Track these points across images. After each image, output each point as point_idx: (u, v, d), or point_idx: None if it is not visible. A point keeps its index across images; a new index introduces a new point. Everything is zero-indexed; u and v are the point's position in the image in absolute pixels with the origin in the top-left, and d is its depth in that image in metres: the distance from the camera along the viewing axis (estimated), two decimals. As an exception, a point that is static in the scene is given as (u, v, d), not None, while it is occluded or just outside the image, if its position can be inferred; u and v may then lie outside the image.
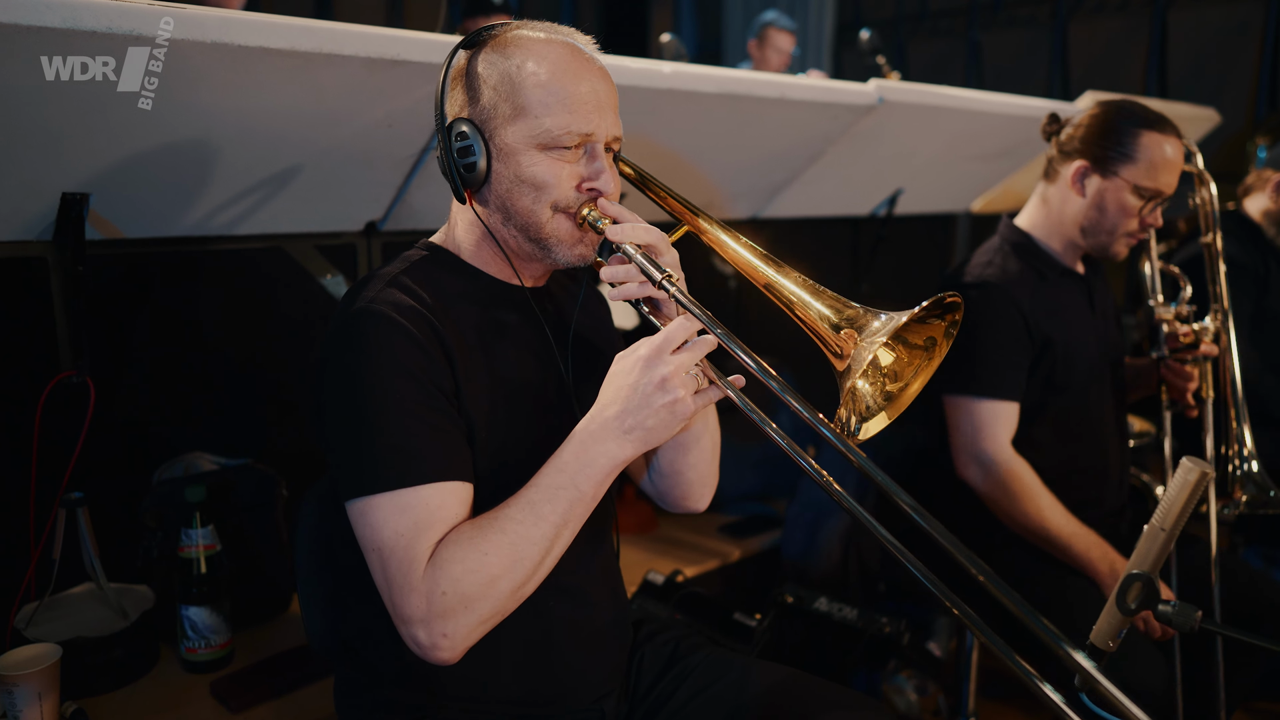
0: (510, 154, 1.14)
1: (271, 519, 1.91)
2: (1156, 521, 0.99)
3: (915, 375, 1.11)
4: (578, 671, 1.27)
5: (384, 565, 1.04)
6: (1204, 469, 0.95)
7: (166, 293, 2.01)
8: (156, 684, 1.69)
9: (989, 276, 1.92)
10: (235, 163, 1.66)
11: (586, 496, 1.07)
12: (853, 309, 1.06)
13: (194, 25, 1.31)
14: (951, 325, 1.09)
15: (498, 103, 1.14)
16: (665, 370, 1.03)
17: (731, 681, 1.31)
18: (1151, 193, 1.84)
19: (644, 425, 1.04)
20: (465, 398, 1.14)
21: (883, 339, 1.01)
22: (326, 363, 1.12)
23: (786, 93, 2.15)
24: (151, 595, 1.76)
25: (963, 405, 1.89)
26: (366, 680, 1.25)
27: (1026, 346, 1.90)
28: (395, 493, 1.04)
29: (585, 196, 1.16)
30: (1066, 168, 1.91)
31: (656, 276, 1.10)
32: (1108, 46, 5.43)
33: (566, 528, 1.07)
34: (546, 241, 1.18)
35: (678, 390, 1.03)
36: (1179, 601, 1.00)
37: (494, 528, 1.04)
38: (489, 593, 1.02)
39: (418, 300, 1.13)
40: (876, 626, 2.02)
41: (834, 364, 1.05)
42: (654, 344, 1.05)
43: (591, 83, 1.15)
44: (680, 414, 1.04)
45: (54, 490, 1.66)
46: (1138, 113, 1.85)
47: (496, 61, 1.15)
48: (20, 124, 1.37)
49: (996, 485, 1.85)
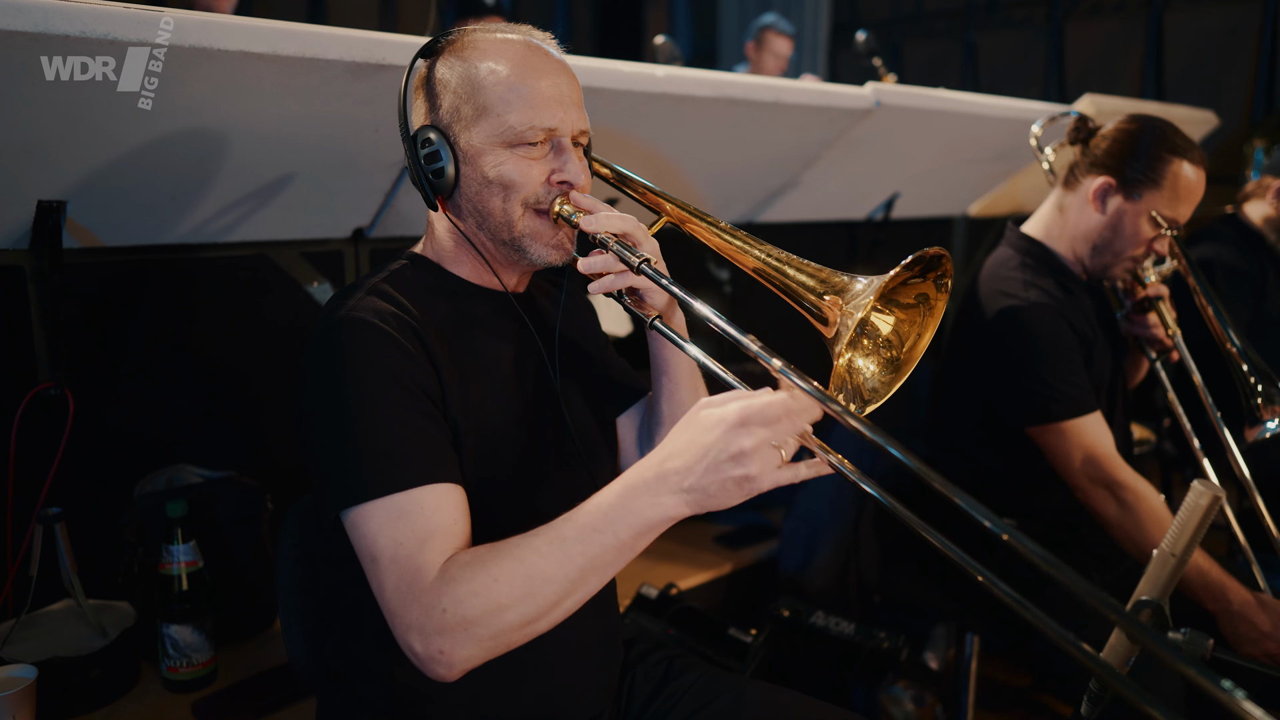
0: (477, 155, 1.13)
1: (256, 534, 1.87)
2: (1167, 546, 0.95)
3: (921, 330, 1.11)
4: (571, 692, 1.24)
5: (383, 574, 1.00)
6: (1215, 492, 0.92)
7: (148, 302, 1.97)
8: (137, 704, 1.65)
9: (1034, 297, 1.84)
10: (219, 171, 1.63)
11: (625, 546, 0.96)
12: (836, 277, 1.06)
13: (178, 30, 1.28)
14: (940, 277, 1.07)
15: (460, 105, 1.13)
16: (748, 443, 0.89)
17: (726, 704, 1.29)
18: (1169, 222, 1.81)
19: (705, 490, 0.92)
20: (451, 403, 1.12)
21: (869, 300, 1.01)
22: (308, 371, 1.10)
23: (782, 96, 2.12)
24: (132, 612, 1.72)
25: (1055, 432, 1.79)
26: (350, 705, 1.22)
27: (1083, 360, 1.85)
28: (387, 498, 1.01)
29: (556, 191, 1.15)
30: (1090, 181, 1.85)
31: (634, 261, 1.09)
32: (1104, 48, 5.42)
33: (596, 574, 0.97)
34: (520, 241, 1.16)
35: (753, 468, 0.90)
36: (1190, 629, 0.97)
37: (512, 555, 0.97)
38: (492, 620, 0.96)
39: (399, 307, 1.12)
40: (875, 641, 1.99)
41: (822, 331, 1.05)
42: (743, 411, 0.91)
43: (553, 77, 1.14)
44: (749, 491, 0.92)
45: (31, 505, 1.63)
46: (1171, 138, 1.80)
47: (455, 65, 1.15)
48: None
49: (1140, 514, 1.73)
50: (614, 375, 1.40)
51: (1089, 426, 1.79)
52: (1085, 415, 1.79)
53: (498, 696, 1.18)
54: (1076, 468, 1.79)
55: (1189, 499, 0.93)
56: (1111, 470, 1.76)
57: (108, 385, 1.92)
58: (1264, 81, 4.73)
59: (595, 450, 1.32)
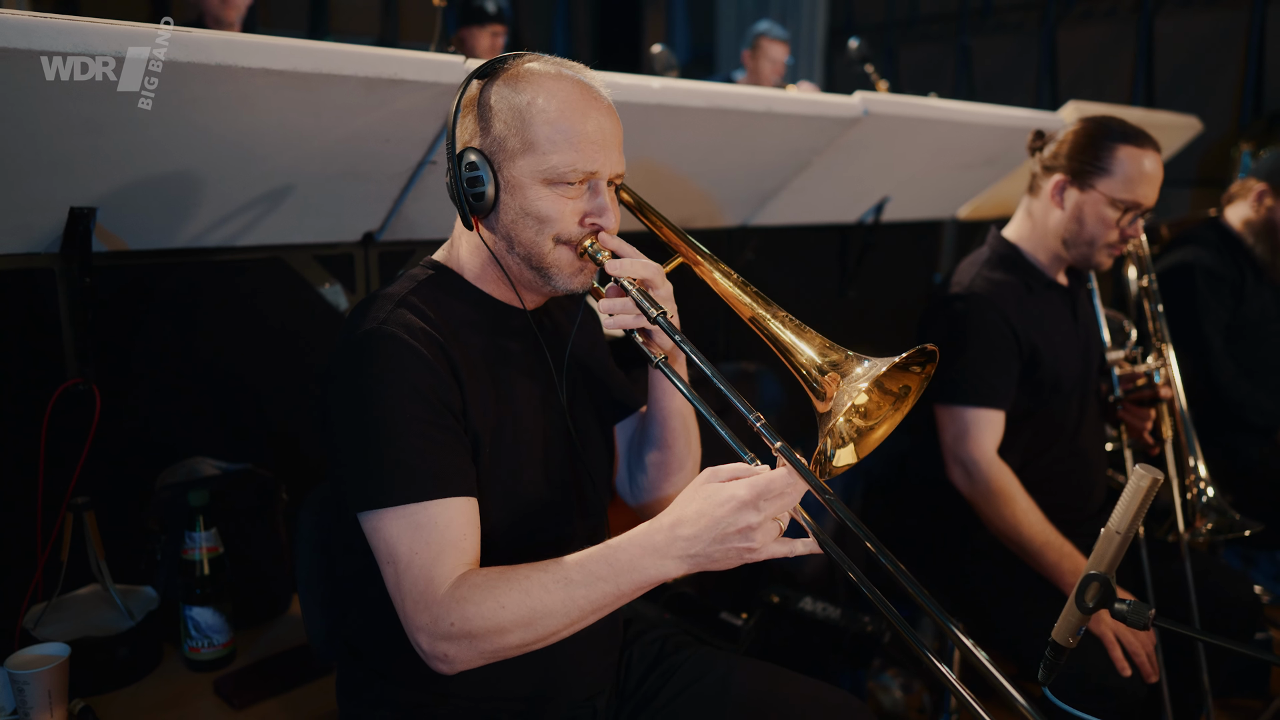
0: (517, 187, 1.18)
1: (272, 522, 1.96)
2: (1112, 525, 1.05)
3: (883, 421, 1.15)
4: (573, 667, 1.32)
5: (398, 577, 1.10)
6: (1155, 475, 1.01)
7: (170, 303, 2.05)
8: (161, 682, 1.73)
9: (977, 288, 1.97)
10: (236, 178, 1.71)
11: (624, 595, 1.07)
12: (838, 352, 1.10)
13: (198, 48, 1.35)
14: (926, 378, 1.13)
15: (507, 136, 1.18)
16: (754, 519, 1.00)
17: (716, 678, 1.36)
18: (1129, 205, 1.89)
19: (709, 557, 1.03)
20: (471, 416, 1.19)
21: (864, 385, 1.06)
22: (336, 379, 1.16)
23: (773, 106, 2.20)
24: (156, 596, 1.80)
25: (951, 413, 1.95)
26: (368, 678, 1.30)
27: (1015, 356, 1.95)
28: (404, 507, 1.09)
29: (587, 231, 1.21)
30: (1047, 182, 1.97)
31: (652, 313, 1.16)
32: (1095, 53, 5.48)
33: (594, 614, 1.08)
34: (548, 270, 1.22)
35: (756, 541, 1.01)
36: (1133, 600, 1.06)
37: (519, 586, 1.07)
38: (494, 639, 1.06)
39: (426, 321, 1.18)
40: (859, 625, 2.08)
41: (817, 406, 1.10)
42: (754, 489, 1.01)
43: (598, 120, 1.19)
44: (747, 560, 1.04)
45: (61, 495, 1.70)
46: (1115, 128, 1.91)
47: (507, 95, 1.18)
48: (30, 143, 1.42)
49: (979, 489, 1.90)
50: (614, 389, 1.47)
51: (981, 417, 1.92)
52: (984, 408, 1.92)
53: (507, 672, 1.25)
54: (948, 444, 1.95)
55: (1131, 482, 1.03)
56: (971, 449, 1.91)
57: (132, 381, 2.00)
58: (1252, 85, 4.79)
59: (598, 461, 1.40)
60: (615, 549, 1.07)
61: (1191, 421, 2.11)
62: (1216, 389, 2.75)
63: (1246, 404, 2.74)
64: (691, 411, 1.38)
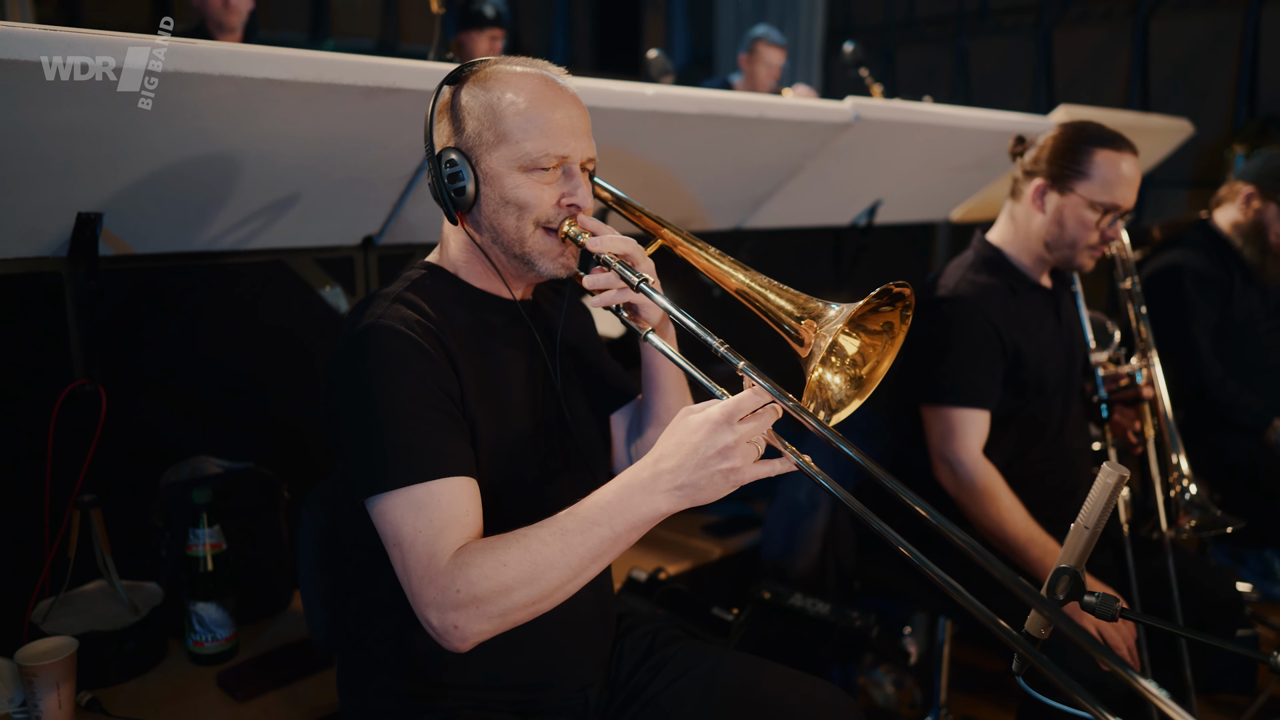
0: (496, 177, 1.24)
1: (274, 520, 2.00)
2: (1081, 520, 1.09)
3: (881, 356, 1.21)
4: (566, 660, 1.36)
5: (405, 557, 1.13)
6: (1121, 472, 1.05)
7: (174, 305, 2.09)
8: (166, 675, 1.77)
9: (961, 290, 2.02)
10: (240, 185, 1.75)
11: (620, 538, 1.10)
12: (812, 303, 1.16)
13: (203, 59, 1.38)
14: (905, 309, 1.18)
15: (482, 131, 1.24)
16: (730, 439, 1.04)
17: (705, 670, 1.39)
18: (1108, 207, 1.93)
19: (695, 486, 1.06)
20: (469, 402, 1.23)
21: (839, 325, 1.11)
22: (339, 372, 1.21)
23: (765, 112, 2.24)
24: (160, 592, 1.84)
25: (937, 413, 1.99)
26: (368, 670, 1.34)
27: (1000, 357, 1.99)
28: (409, 489, 1.13)
29: (565, 212, 1.26)
30: (1028, 186, 2.02)
31: (634, 280, 1.21)
32: (1091, 55, 5.51)
33: (594, 562, 1.10)
34: (530, 255, 1.27)
35: (736, 460, 1.04)
36: (1102, 592, 1.11)
37: (519, 544, 1.10)
38: (500, 600, 1.09)
39: (422, 314, 1.23)
40: (848, 621, 2.12)
41: (798, 351, 1.15)
42: (725, 408, 1.05)
43: (566, 109, 1.25)
44: (734, 482, 1.06)
45: (68, 492, 1.74)
46: (1093, 132, 1.95)
47: (479, 94, 1.25)
48: (37, 150, 1.45)
49: (964, 488, 1.94)
50: (609, 377, 1.52)
51: (966, 417, 1.96)
52: (969, 408, 1.96)
53: (502, 662, 1.30)
54: (935, 444, 1.98)
55: (1099, 479, 1.07)
56: (957, 449, 1.95)
57: (137, 382, 2.04)
58: (1246, 88, 4.83)
59: (593, 445, 1.44)
60: (605, 493, 1.11)
61: (1175, 421, 2.15)
62: (1204, 390, 2.79)
63: (1234, 404, 2.78)
64: (685, 381, 1.43)
